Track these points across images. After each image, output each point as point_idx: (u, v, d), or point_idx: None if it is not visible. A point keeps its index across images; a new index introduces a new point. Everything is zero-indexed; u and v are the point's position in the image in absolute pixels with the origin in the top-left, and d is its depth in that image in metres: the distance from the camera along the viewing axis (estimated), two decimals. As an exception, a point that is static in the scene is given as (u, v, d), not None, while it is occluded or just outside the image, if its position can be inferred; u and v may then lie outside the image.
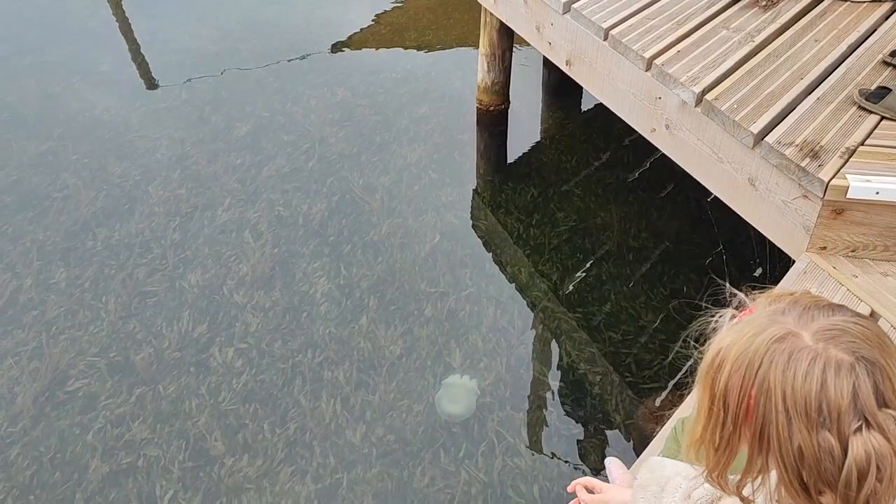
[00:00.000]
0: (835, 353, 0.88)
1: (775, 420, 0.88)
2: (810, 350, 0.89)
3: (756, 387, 0.90)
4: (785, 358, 0.89)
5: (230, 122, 4.18)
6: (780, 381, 0.88)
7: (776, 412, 0.88)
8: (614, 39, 2.75)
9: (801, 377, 0.87)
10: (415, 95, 4.45)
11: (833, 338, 0.89)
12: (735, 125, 2.29)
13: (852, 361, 0.87)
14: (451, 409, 2.87)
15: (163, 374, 2.95)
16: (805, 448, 0.87)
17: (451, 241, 3.55)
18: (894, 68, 2.50)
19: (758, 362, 0.90)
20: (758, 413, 0.90)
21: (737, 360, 0.92)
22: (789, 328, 0.92)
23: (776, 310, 0.95)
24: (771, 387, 0.89)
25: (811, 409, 0.86)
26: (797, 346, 0.90)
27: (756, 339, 0.92)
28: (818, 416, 0.86)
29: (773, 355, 0.90)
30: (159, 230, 3.53)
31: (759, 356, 0.91)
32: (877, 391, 0.86)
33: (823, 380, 0.86)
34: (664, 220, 3.62)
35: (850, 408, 0.86)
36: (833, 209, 2.09)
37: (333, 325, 3.16)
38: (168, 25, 5.07)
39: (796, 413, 0.87)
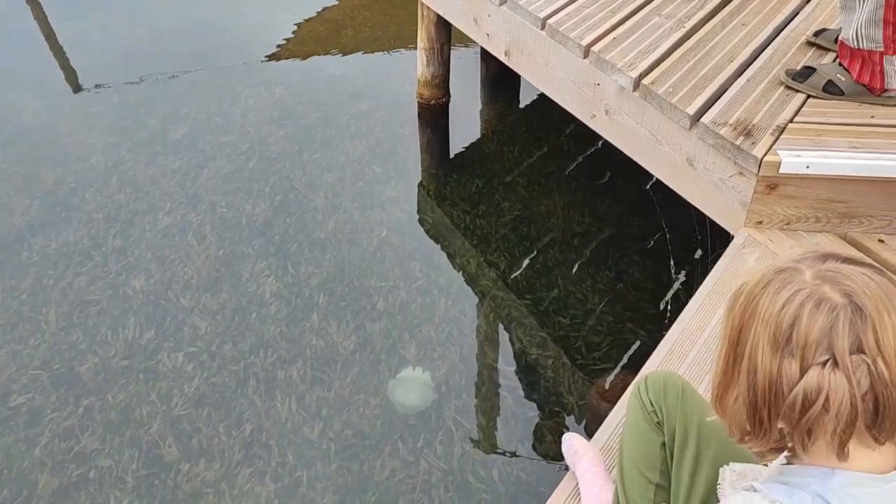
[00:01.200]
0: (826, 291, 0.90)
1: (751, 339, 0.93)
2: (802, 283, 0.92)
3: (750, 311, 0.94)
4: (777, 286, 0.93)
5: (166, 125, 4.09)
6: (766, 305, 0.92)
7: (753, 332, 0.92)
8: (551, 28, 2.80)
9: (781, 303, 0.91)
10: (354, 92, 4.44)
11: (831, 279, 0.92)
12: (672, 107, 2.37)
13: (841, 304, 0.89)
14: (406, 400, 2.88)
15: (110, 384, 2.88)
16: (765, 371, 0.91)
17: (398, 234, 3.56)
18: (818, 48, 2.62)
19: (758, 290, 0.95)
20: (742, 333, 0.94)
21: (742, 288, 0.98)
22: (797, 265, 0.95)
23: (802, 254, 0.98)
24: (758, 309, 0.93)
25: (780, 335, 0.90)
26: (793, 278, 0.93)
27: (767, 271, 0.97)
28: (786, 343, 0.90)
29: (770, 283, 0.94)
30: (99, 237, 3.43)
31: (761, 284, 0.95)
32: (855, 336, 0.88)
33: (800, 311, 0.90)
34: (606, 206, 3.70)
35: (819, 342, 0.88)
36: (767, 184, 2.18)
37: (284, 324, 3.13)
38: (98, 27, 4.93)
39: (767, 335, 0.91)
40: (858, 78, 2.33)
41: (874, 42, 2.23)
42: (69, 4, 5.17)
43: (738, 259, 2.17)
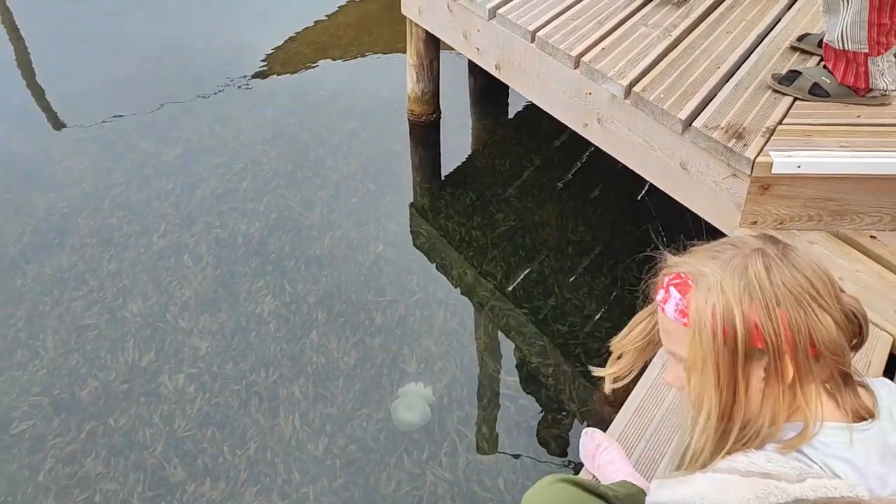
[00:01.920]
0: (787, 244, 1.02)
1: (815, 317, 0.96)
2: (782, 251, 1.00)
3: (783, 303, 0.96)
4: (779, 264, 0.97)
5: (158, 148, 4.10)
6: (796, 282, 0.96)
7: (812, 310, 0.96)
8: (541, 41, 2.85)
9: (804, 269, 0.97)
10: (344, 111, 4.47)
11: (767, 238, 1.03)
12: (664, 113, 2.41)
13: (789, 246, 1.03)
14: (407, 417, 2.88)
15: (112, 408, 2.86)
16: (839, 322, 0.97)
17: (394, 249, 3.58)
18: (802, 52, 2.68)
19: (767, 282, 0.97)
20: (797, 324, 0.95)
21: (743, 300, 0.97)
22: (747, 251, 1.02)
23: (711, 256, 1.04)
24: (796, 292, 0.96)
25: (829, 287, 0.97)
26: (774, 253, 1.00)
27: (744, 271, 0.99)
28: (833, 289, 0.99)
29: (771, 268, 0.97)
30: (93, 261, 3.43)
31: (765, 277, 0.98)
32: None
33: (813, 261, 1.00)
34: (599, 214, 3.74)
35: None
36: (760, 185, 2.22)
37: (284, 341, 3.13)
38: (83, 55, 4.94)
39: (823, 298, 0.96)
40: (843, 80, 2.39)
41: (859, 43, 2.29)
42: (54, 34, 5.18)
43: (735, 259, 2.21)
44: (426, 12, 3.51)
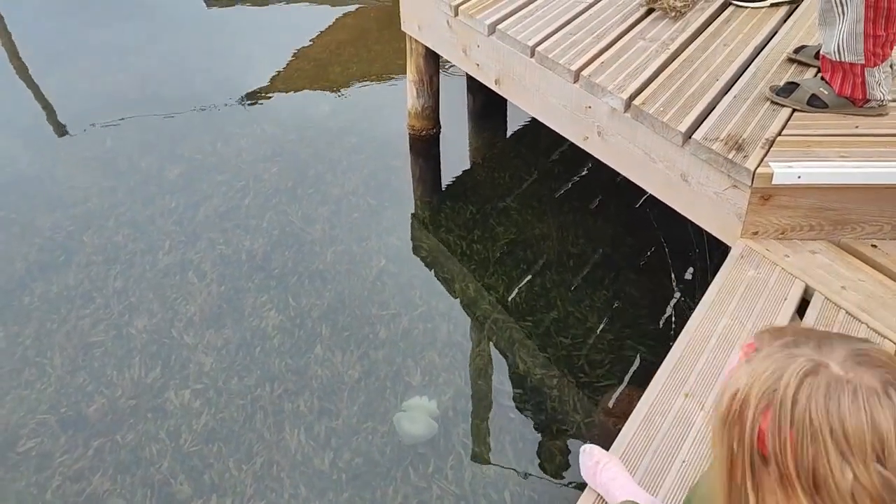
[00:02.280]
0: (868, 379, 0.83)
1: (826, 461, 0.82)
2: (846, 380, 0.83)
3: (795, 428, 0.83)
4: (823, 391, 0.83)
5: (161, 166, 4.13)
6: (825, 417, 0.82)
7: (826, 452, 0.82)
8: (541, 56, 2.89)
9: (847, 410, 0.81)
10: (344, 127, 4.50)
11: (860, 364, 0.84)
12: (664, 126, 2.44)
13: (884, 387, 0.83)
14: (412, 430, 2.89)
15: (119, 424, 2.87)
16: (865, 484, 0.81)
17: (396, 263, 3.60)
18: (799, 64, 2.72)
19: (790, 400, 0.83)
20: (804, 457, 0.83)
21: (761, 401, 0.85)
22: (815, 359, 0.85)
23: (786, 343, 0.88)
24: (815, 425, 0.82)
25: (865, 443, 0.81)
26: (831, 377, 0.83)
27: (782, 374, 0.85)
28: (872, 449, 0.80)
29: (809, 389, 0.83)
30: (99, 279, 3.45)
31: (792, 393, 0.84)
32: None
33: (869, 411, 0.81)
34: (599, 226, 3.76)
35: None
36: (761, 196, 2.25)
37: (288, 356, 3.15)
38: (86, 74, 4.98)
39: (850, 449, 0.81)
40: (840, 91, 2.42)
41: (856, 55, 2.32)
42: (56, 53, 5.22)
43: (736, 269, 2.23)
44: (426, 29, 3.55)
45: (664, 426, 1.76)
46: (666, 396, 1.83)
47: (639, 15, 3.10)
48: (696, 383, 1.87)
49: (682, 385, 1.87)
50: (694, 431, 1.76)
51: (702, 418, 1.79)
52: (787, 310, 2.08)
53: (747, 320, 2.04)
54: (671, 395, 1.84)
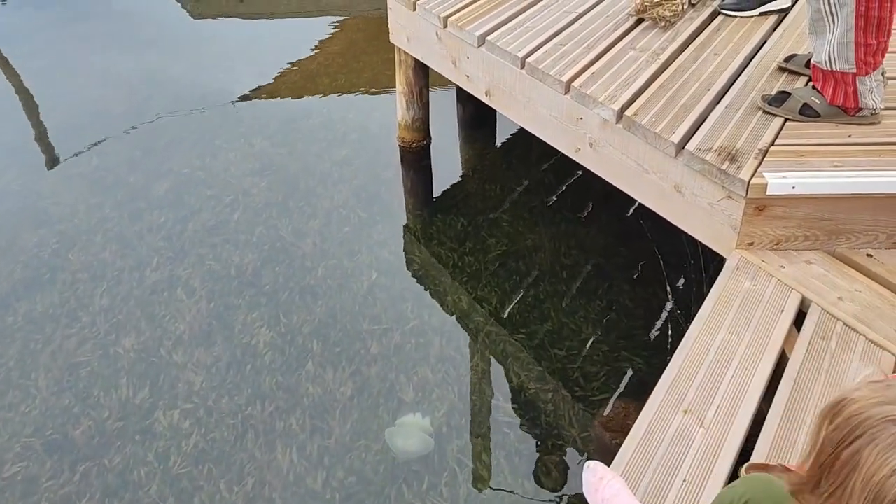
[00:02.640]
0: None
1: (848, 492, 0.86)
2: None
3: (848, 452, 0.87)
4: (887, 443, 0.84)
5: (148, 181, 4.08)
6: (870, 462, 0.84)
7: (852, 488, 0.85)
8: (531, 67, 2.86)
9: (888, 470, 0.83)
10: (334, 139, 4.47)
11: None
12: (657, 137, 2.42)
13: None
14: (405, 446, 2.84)
15: (106, 447, 2.81)
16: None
17: (388, 277, 3.56)
18: (790, 73, 2.71)
19: (862, 430, 0.86)
20: (838, 477, 0.87)
21: (851, 418, 0.88)
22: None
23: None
24: (860, 461, 0.85)
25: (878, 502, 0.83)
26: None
27: (879, 406, 0.86)
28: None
29: (880, 433, 0.85)
30: (85, 297, 3.39)
31: (868, 426, 0.86)
32: None
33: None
34: (591, 237, 3.74)
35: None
36: (756, 206, 2.23)
37: (280, 374, 3.10)
38: (71, 90, 4.93)
39: (867, 500, 0.84)
40: (832, 100, 2.41)
41: (847, 63, 2.31)
42: (40, 68, 5.17)
43: (732, 280, 2.21)
44: (415, 41, 3.53)
45: (664, 443, 1.73)
46: (665, 413, 1.79)
47: (628, 25, 3.08)
48: (695, 399, 1.84)
49: (681, 401, 1.84)
50: (694, 449, 1.73)
51: (701, 435, 1.75)
52: (785, 322, 2.05)
53: (745, 333, 2.01)
54: (670, 411, 1.80)
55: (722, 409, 1.81)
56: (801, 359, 1.93)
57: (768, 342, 1.98)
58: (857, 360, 1.92)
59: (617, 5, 3.22)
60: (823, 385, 1.86)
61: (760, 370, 1.90)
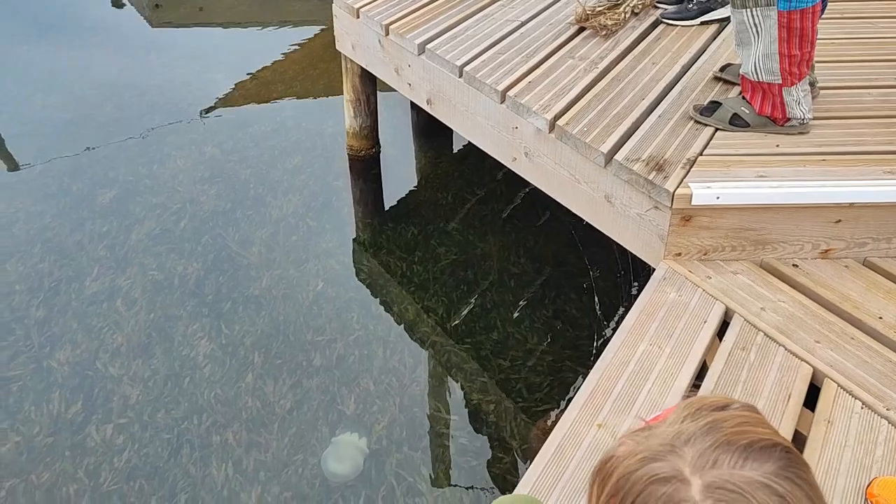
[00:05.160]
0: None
1: None
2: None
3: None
4: (661, 501, 0.73)
5: (93, 190, 4.01)
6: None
7: None
8: (469, 76, 2.84)
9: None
10: (286, 147, 4.43)
11: (725, 501, 0.71)
12: (586, 146, 2.41)
13: None
14: (337, 469, 2.79)
15: (34, 463, 2.75)
16: None
17: (334, 287, 3.52)
18: (724, 82, 2.71)
19: (631, 498, 0.76)
20: None
21: (618, 483, 0.77)
22: (680, 470, 0.74)
23: (682, 433, 0.77)
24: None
25: None
26: (678, 496, 0.72)
27: (642, 467, 0.76)
28: None
29: (648, 498, 0.74)
30: (20, 309, 3.32)
31: (635, 492, 0.75)
32: None
33: None
34: (541, 246, 3.72)
35: None
36: (682, 217, 2.21)
37: (218, 386, 3.05)
38: (15, 97, 4.84)
39: None
40: (761, 110, 2.40)
41: (772, 75, 2.31)
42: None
43: (659, 291, 2.19)
44: (359, 48, 3.50)
45: (575, 459, 1.70)
46: (579, 427, 1.77)
47: (570, 34, 3.08)
48: (611, 413, 1.82)
49: (596, 415, 1.81)
50: (607, 464, 1.70)
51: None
52: (707, 333, 2.04)
53: (666, 344, 2.00)
54: (584, 425, 1.78)
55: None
56: (720, 370, 1.91)
57: (689, 353, 1.97)
58: (775, 371, 1.91)
59: (559, 14, 3.22)
60: (740, 396, 1.84)
61: (679, 382, 1.88)
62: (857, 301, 2.12)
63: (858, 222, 2.23)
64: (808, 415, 1.84)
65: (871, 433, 1.76)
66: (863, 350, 1.98)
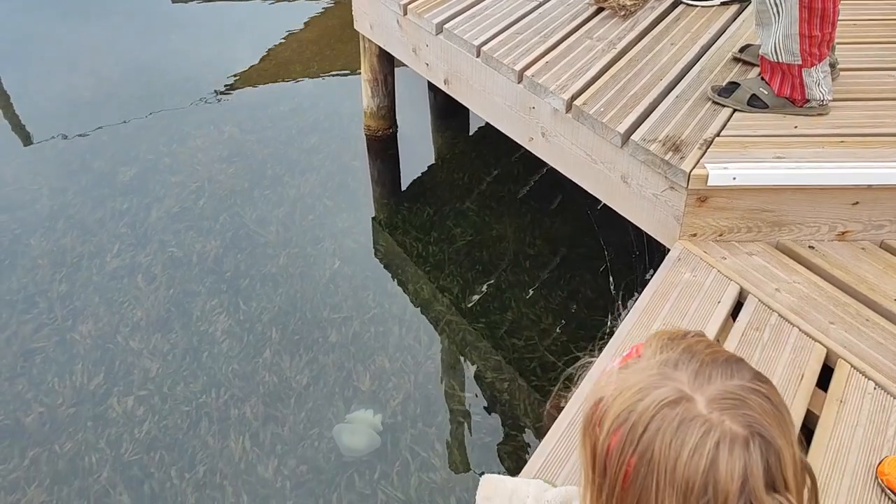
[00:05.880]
0: (730, 426, 0.76)
1: (654, 497, 0.77)
2: (704, 420, 0.76)
3: (637, 455, 0.77)
4: (674, 426, 0.77)
5: (114, 168, 4.06)
6: (666, 453, 0.76)
7: (656, 488, 0.76)
8: (486, 55, 2.85)
9: (688, 452, 0.75)
10: (304, 126, 4.45)
11: (730, 408, 0.77)
12: (603, 127, 2.41)
13: (747, 437, 0.76)
14: (351, 443, 2.84)
15: (58, 433, 2.81)
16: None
17: (351, 265, 3.56)
18: (744, 63, 2.69)
19: (642, 426, 0.77)
20: (635, 485, 0.78)
21: (618, 418, 0.79)
22: (683, 390, 0.78)
23: (667, 361, 0.82)
24: (654, 458, 0.77)
25: (696, 490, 0.75)
26: (690, 414, 0.77)
27: (645, 396, 0.79)
28: (701, 497, 0.75)
29: (662, 421, 0.77)
30: (44, 283, 3.38)
31: (646, 419, 0.77)
32: (767, 473, 0.76)
33: (714, 457, 0.75)
34: (557, 227, 3.73)
35: (738, 492, 0.74)
36: (698, 197, 2.22)
37: (236, 361, 3.10)
38: (39, 75, 4.89)
39: (677, 492, 0.75)
40: (780, 91, 2.39)
41: (792, 55, 2.30)
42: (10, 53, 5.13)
43: (673, 271, 2.20)
44: (377, 28, 3.50)
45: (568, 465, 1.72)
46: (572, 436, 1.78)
47: (588, 14, 3.07)
48: (624, 390, 1.83)
49: (609, 392, 1.83)
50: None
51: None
52: (721, 313, 2.05)
53: (679, 324, 2.01)
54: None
55: (651, 400, 1.80)
56: (733, 350, 1.92)
57: (702, 333, 1.98)
58: (788, 351, 1.92)
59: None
60: (751, 377, 1.85)
61: (691, 361, 1.90)
62: (873, 283, 2.12)
63: (876, 204, 2.22)
64: (820, 395, 1.85)
65: (884, 413, 1.77)
66: (877, 331, 1.98)
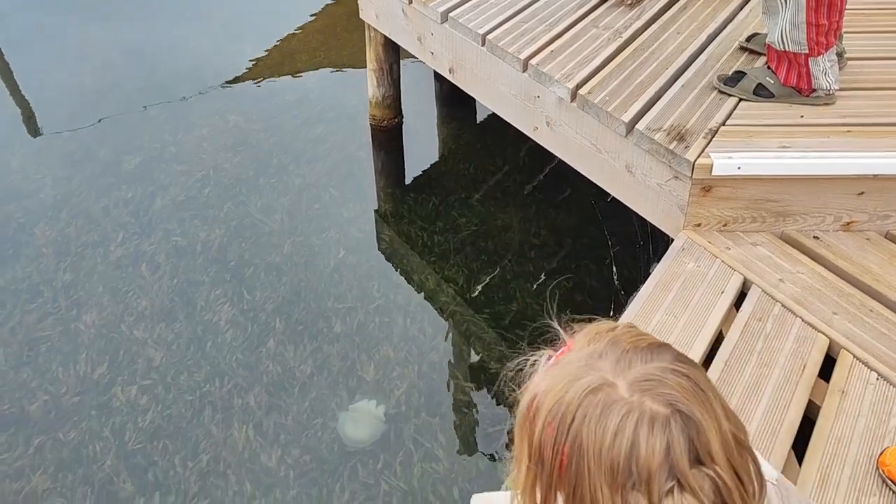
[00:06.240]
0: (650, 405, 0.80)
1: (588, 481, 0.80)
2: (624, 403, 0.80)
3: (569, 443, 0.81)
4: (598, 412, 0.80)
5: (119, 157, 4.07)
6: (592, 438, 0.80)
7: (588, 472, 0.80)
8: (491, 44, 2.83)
9: (611, 434, 0.79)
10: (310, 116, 4.44)
11: (649, 389, 0.81)
12: (608, 116, 2.39)
13: (667, 415, 0.79)
14: (354, 434, 2.84)
15: (62, 421, 2.83)
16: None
17: (355, 255, 3.55)
18: (750, 52, 2.67)
19: (570, 416, 0.81)
20: (570, 472, 0.81)
21: (551, 411, 0.83)
22: (605, 377, 0.83)
23: (593, 352, 0.86)
24: (583, 444, 0.80)
25: (620, 469, 0.78)
26: (611, 398, 0.81)
27: (571, 387, 0.83)
28: (628, 476, 0.78)
29: (587, 409, 0.81)
30: (48, 272, 3.39)
31: (573, 409, 0.81)
32: (690, 448, 0.79)
33: (635, 437, 0.78)
34: (562, 218, 3.72)
35: (661, 468, 0.78)
36: (702, 187, 2.20)
37: (240, 350, 3.10)
38: (44, 64, 4.90)
39: (605, 473, 0.79)
40: (786, 80, 2.37)
41: (799, 44, 2.27)
42: (13, 42, 5.13)
43: (676, 262, 2.19)
44: (383, 17, 3.49)
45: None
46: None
47: (594, 3, 3.04)
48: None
49: (610, 382, 1.82)
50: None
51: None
52: (724, 303, 2.04)
53: (682, 314, 2.00)
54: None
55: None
56: (735, 340, 1.91)
57: (705, 323, 1.97)
58: (791, 342, 1.90)
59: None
60: (754, 366, 1.84)
61: (693, 351, 1.89)
62: (878, 273, 2.10)
63: (882, 195, 2.20)
64: (822, 385, 1.84)
65: (886, 404, 1.75)
66: (881, 322, 1.97)
